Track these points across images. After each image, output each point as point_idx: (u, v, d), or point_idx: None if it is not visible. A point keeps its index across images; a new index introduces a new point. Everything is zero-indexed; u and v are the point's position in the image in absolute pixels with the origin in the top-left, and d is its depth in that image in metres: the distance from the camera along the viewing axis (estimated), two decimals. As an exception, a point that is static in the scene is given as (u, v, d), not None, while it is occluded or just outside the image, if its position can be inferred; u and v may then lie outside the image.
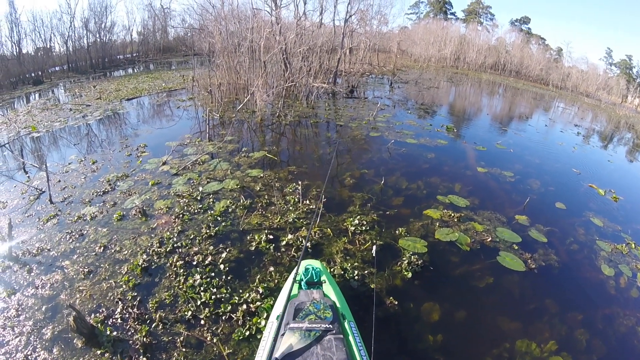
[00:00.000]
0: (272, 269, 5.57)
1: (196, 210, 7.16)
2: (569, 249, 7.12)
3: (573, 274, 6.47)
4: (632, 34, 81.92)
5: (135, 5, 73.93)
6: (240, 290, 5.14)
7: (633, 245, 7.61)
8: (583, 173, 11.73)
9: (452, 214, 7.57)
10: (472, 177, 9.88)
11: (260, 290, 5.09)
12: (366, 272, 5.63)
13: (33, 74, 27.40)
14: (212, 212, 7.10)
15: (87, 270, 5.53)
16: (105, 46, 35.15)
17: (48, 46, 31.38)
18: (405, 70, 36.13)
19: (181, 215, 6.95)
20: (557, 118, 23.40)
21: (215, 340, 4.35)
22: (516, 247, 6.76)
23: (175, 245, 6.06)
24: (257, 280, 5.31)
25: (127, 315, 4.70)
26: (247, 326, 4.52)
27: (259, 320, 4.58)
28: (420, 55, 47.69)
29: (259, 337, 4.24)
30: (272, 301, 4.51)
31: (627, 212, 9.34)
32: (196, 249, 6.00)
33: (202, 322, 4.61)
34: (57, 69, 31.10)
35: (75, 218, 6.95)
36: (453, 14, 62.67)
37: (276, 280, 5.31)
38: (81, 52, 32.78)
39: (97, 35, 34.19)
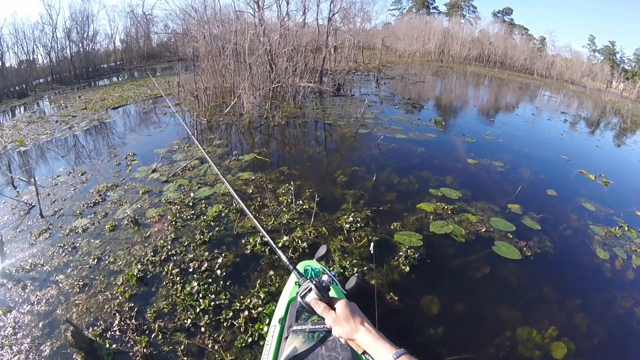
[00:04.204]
0: (271, 272, 5.51)
1: (189, 217, 7.10)
2: (563, 235, 7.17)
3: (569, 260, 6.52)
4: (614, 21, 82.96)
5: (117, 13, 73.27)
6: (241, 296, 5.08)
7: (626, 227, 7.67)
8: (572, 159, 11.83)
9: (446, 207, 7.58)
10: (463, 169, 9.92)
11: (262, 295, 5.03)
12: (365, 268, 5.62)
13: (17, 87, 27.22)
14: (205, 217, 7.04)
15: (82, 283, 5.45)
16: (88, 55, 34.94)
17: (31, 58, 31.19)
18: (391, 66, 36.24)
19: (174, 223, 6.88)
20: (543, 106, 23.61)
21: (217, 348, 4.29)
22: (511, 236, 6.78)
23: (169, 253, 5.99)
24: (257, 285, 5.25)
25: (125, 327, 4.64)
26: (250, 332, 4.47)
27: (261, 326, 4.53)
28: (405, 51, 47.99)
29: (261, 343, 4.19)
30: (273, 306, 4.48)
31: (618, 196, 9.45)
32: (191, 255, 5.94)
33: (203, 329, 4.56)
34: (41, 80, 30.82)
35: (67, 231, 6.85)
36: (435, 8, 63.24)
37: (277, 285, 5.26)
38: (65, 63, 32.52)
39: (80, 45, 34.03)
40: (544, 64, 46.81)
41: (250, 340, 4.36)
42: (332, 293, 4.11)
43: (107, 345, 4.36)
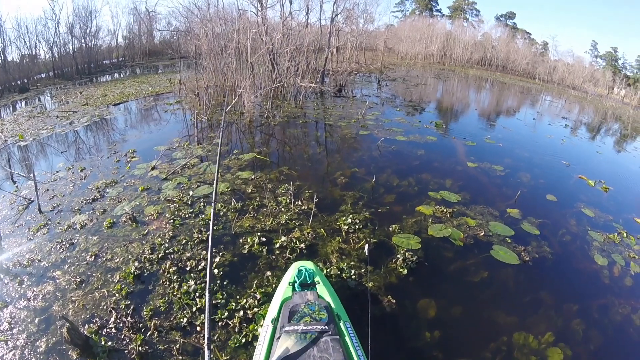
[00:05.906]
0: (268, 273, 5.50)
1: (187, 215, 7.09)
2: (562, 241, 7.17)
3: (567, 265, 6.51)
4: (618, 29, 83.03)
5: (120, 9, 73.22)
6: (237, 296, 5.08)
7: (625, 234, 7.68)
8: (572, 165, 11.82)
9: (445, 210, 7.57)
10: (463, 172, 9.91)
11: (258, 295, 5.03)
12: (362, 270, 5.61)
13: (19, 82, 27.05)
14: (203, 216, 7.03)
15: (78, 279, 5.45)
16: (90, 51, 34.83)
17: (33, 53, 31.04)
18: (393, 67, 36.19)
19: (172, 221, 6.87)
20: (544, 111, 23.60)
21: (212, 347, 4.28)
22: (509, 241, 6.78)
23: (167, 251, 5.99)
24: (254, 286, 5.24)
25: (121, 325, 4.63)
26: (244, 333, 4.47)
27: (255, 327, 4.52)
28: (407, 53, 47.90)
29: (255, 344, 4.19)
30: (269, 307, 4.48)
31: (617, 202, 9.43)
32: (189, 254, 5.94)
33: (198, 328, 4.56)
34: (43, 75, 30.70)
35: (65, 227, 6.85)
36: (438, 10, 63.05)
37: (273, 285, 5.23)
38: (67, 58, 32.40)
39: (83, 41, 33.88)
40: (546, 69, 46.72)
41: (244, 340, 4.36)
42: (320, 287, 4.14)
43: (103, 343, 4.36)
